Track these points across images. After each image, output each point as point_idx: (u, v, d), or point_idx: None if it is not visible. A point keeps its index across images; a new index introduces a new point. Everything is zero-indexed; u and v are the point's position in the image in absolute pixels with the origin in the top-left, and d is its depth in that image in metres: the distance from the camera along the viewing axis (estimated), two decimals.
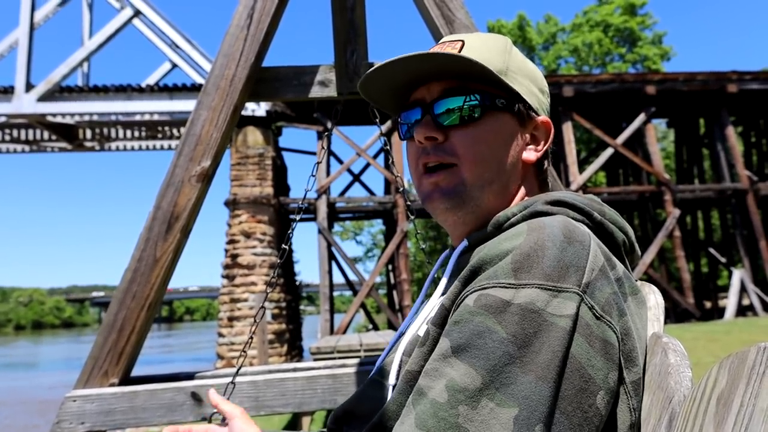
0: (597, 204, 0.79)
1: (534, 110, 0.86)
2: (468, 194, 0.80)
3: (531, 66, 0.88)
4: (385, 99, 0.90)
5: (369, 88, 0.87)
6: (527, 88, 0.85)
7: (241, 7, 2.65)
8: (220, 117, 2.57)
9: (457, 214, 0.82)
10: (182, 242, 2.54)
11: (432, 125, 0.81)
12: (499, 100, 0.82)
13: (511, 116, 0.83)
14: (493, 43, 0.85)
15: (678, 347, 0.68)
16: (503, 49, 0.85)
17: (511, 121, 0.83)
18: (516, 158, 0.84)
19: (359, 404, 0.85)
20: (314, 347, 7.81)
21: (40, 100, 13.63)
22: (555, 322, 0.61)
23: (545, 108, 0.89)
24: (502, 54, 0.84)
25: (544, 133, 0.87)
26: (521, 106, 0.83)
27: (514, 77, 0.83)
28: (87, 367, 2.44)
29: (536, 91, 0.87)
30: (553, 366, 0.60)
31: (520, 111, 0.83)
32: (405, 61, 0.80)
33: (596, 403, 0.62)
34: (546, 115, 0.88)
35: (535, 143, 0.87)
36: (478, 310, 0.63)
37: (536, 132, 0.87)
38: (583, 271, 0.65)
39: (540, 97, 0.87)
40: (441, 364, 0.63)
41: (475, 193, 0.80)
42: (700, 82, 16.14)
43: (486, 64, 0.79)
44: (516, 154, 0.84)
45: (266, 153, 15.25)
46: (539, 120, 0.86)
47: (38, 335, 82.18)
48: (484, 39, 0.85)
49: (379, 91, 0.88)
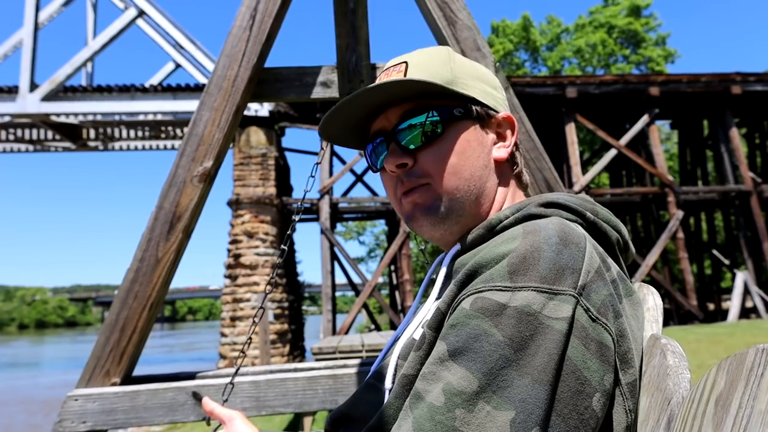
0: (590, 204, 0.80)
1: (492, 109, 0.87)
2: (448, 207, 0.82)
3: (478, 67, 0.90)
4: (347, 137, 0.91)
5: (329, 132, 0.89)
6: (480, 89, 0.86)
7: (243, 8, 2.65)
8: (223, 117, 2.58)
9: (442, 228, 0.83)
10: (184, 242, 2.55)
11: (399, 152, 0.82)
12: (456, 110, 0.83)
13: (471, 122, 0.84)
14: (436, 55, 0.86)
15: (677, 349, 0.68)
16: (446, 59, 0.86)
17: (473, 127, 0.84)
18: (486, 160, 0.85)
19: (355, 407, 0.85)
20: (316, 347, 7.82)
21: (44, 99, 13.67)
22: (551, 324, 0.61)
23: (503, 103, 0.90)
24: (446, 64, 0.85)
25: (508, 127, 0.89)
26: (478, 108, 0.85)
27: (465, 83, 0.84)
28: (89, 367, 2.45)
29: (489, 90, 0.88)
30: (550, 369, 0.60)
31: (479, 114, 0.85)
32: (355, 99, 0.81)
33: (592, 405, 0.62)
34: (505, 110, 0.90)
35: (503, 139, 0.88)
36: (475, 313, 0.64)
37: (500, 129, 0.88)
38: (578, 273, 0.65)
39: (495, 94, 0.89)
40: (438, 367, 0.63)
41: (454, 204, 0.82)
42: (703, 84, 16.10)
43: (433, 78, 0.81)
44: (485, 156, 0.85)
45: (269, 153, 15.26)
46: (500, 117, 0.88)
47: (41, 334, 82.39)
48: (426, 54, 0.86)
49: (339, 132, 0.90)
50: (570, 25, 31.79)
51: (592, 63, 29.85)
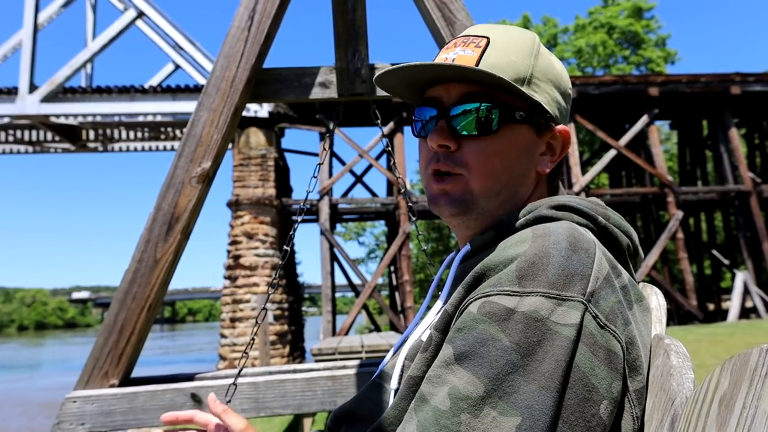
0: (601, 208, 0.78)
1: (554, 119, 0.82)
2: (475, 203, 0.79)
3: (557, 67, 0.84)
4: (403, 91, 0.88)
5: (386, 82, 0.85)
6: (550, 95, 0.81)
7: (242, 8, 2.65)
8: (221, 118, 2.57)
9: (461, 218, 0.81)
10: (182, 243, 2.54)
11: (446, 132, 0.78)
12: (518, 112, 0.78)
13: (528, 128, 0.79)
14: (521, 43, 0.80)
15: (680, 349, 0.68)
16: (530, 51, 0.80)
17: (528, 133, 0.80)
18: (528, 170, 0.81)
19: (360, 406, 0.85)
20: (316, 348, 7.82)
21: (43, 101, 13.67)
22: (559, 331, 0.61)
23: (565, 113, 0.85)
24: (528, 58, 0.79)
25: (560, 142, 0.83)
26: (541, 117, 0.80)
27: (538, 85, 0.80)
28: (87, 368, 2.44)
29: (559, 98, 0.83)
30: (557, 375, 0.59)
31: (539, 122, 0.80)
32: (421, 68, 0.78)
33: (599, 413, 0.61)
34: (565, 123, 0.85)
35: (551, 153, 0.83)
36: (482, 317, 0.63)
37: (553, 141, 0.83)
38: (587, 279, 0.64)
39: (562, 103, 0.83)
40: (444, 371, 0.63)
41: (482, 202, 0.79)
42: (703, 84, 16.11)
43: (508, 70, 0.77)
44: (529, 165, 0.81)
45: (269, 154, 15.27)
46: (557, 129, 0.83)
47: (41, 336, 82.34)
48: (512, 38, 0.80)
49: (396, 85, 0.86)
50: (569, 26, 31.80)
51: (591, 64, 29.87)
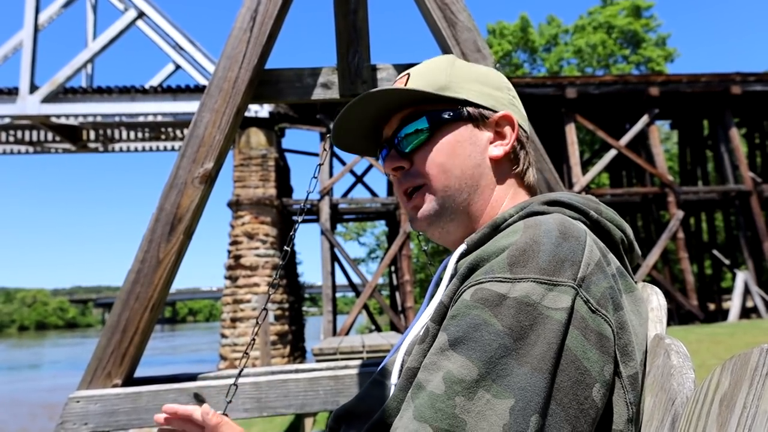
0: (593, 203, 0.80)
1: (490, 108, 0.88)
2: (441, 205, 0.86)
3: (480, 69, 0.92)
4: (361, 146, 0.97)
5: (343, 142, 0.95)
6: (477, 91, 0.88)
7: (244, 9, 2.66)
8: (223, 119, 2.58)
9: (438, 226, 0.87)
10: (185, 243, 2.54)
11: (396, 156, 0.88)
12: (445, 113, 0.86)
13: (463, 122, 0.87)
14: (437, 63, 0.90)
15: (681, 349, 0.68)
16: (444, 66, 0.89)
17: (465, 127, 0.87)
18: (480, 159, 0.87)
19: (360, 404, 0.86)
20: (317, 348, 7.82)
21: (44, 101, 13.68)
22: (550, 315, 0.62)
23: (507, 102, 0.91)
24: (443, 71, 0.88)
25: (507, 125, 0.89)
26: (470, 110, 0.87)
27: (460, 86, 0.87)
28: (90, 368, 2.45)
29: (489, 90, 0.90)
30: (549, 358, 0.61)
31: (471, 115, 0.87)
32: (352, 109, 0.88)
33: (592, 395, 0.62)
34: (508, 109, 0.90)
35: (501, 138, 0.89)
36: (475, 303, 0.65)
37: (499, 128, 0.89)
38: (578, 265, 0.66)
39: (495, 94, 0.90)
40: (438, 357, 0.64)
41: (447, 202, 0.85)
42: (703, 84, 16.09)
43: (427, 86, 0.86)
44: (478, 154, 0.87)
45: (269, 154, 15.27)
46: (497, 116, 0.88)
47: (42, 336, 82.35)
48: (428, 64, 0.91)
49: (352, 141, 0.96)
50: (569, 26, 31.78)
51: (591, 63, 29.85)
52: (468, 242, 0.80)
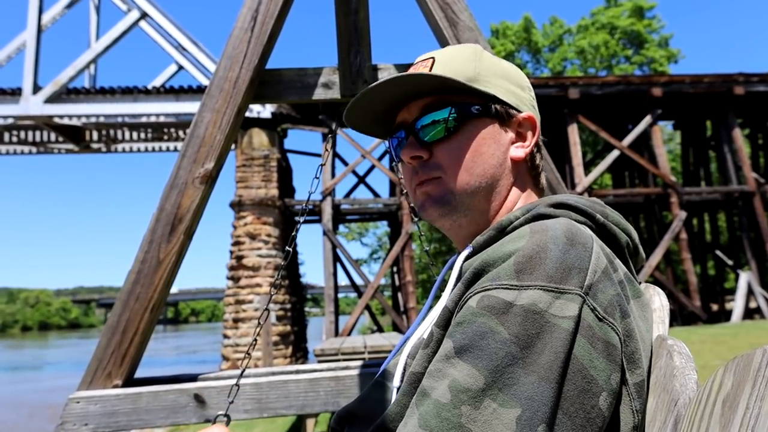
0: (599, 206, 0.79)
1: (515, 108, 0.86)
2: (457, 200, 0.83)
3: (505, 65, 0.90)
4: (372, 126, 0.94)
5: (353, 120, 0.92)
6: (503, 87, 0.86)
7: (245, 9, 2.65)
8: (224, 119, 2.58)
9: (451, 218, 0.85)
10: (185, 244, 2.54)
11: (416, 144, 0.85)
12: (474, 107, 0.83)
13: (490, 119, 0.85)
14: (463, 52, 0.87)
15: (683, 349, 0.67)
16: (472, 56, 0.86)
17: (491, 124, 0.85)
18: (502, 159, 0.85)
19: (362, 406, 0.86)
20: (318, 349, 7.82)
21: (47, 101, 13.72)
22: (557, 323, 0.61)
23: (528, 103, 0.89)
24: (471, 62, 0.85)
25: (529, 128, 0.88)
26: (498, 107, 0.85)
27: (488, 81, 0.85)
28: (90, 369, 2.44)
29: (514, 89, 0.87)
30: (556, 367, 0.60)
31: (498, 112, 0.85)
32: (378, 89, 0.84)
33: (599, 404, 0.62)
34: (530, 110, 0.89)
35: (522, 139, 0.88)
36: (481, 311, 0.64)
37: (521, 129, 0.87)
38: (585, 272, 0.65)
39: (519, 93, 0.88)
40: (444, 364, 0.63)
41: (465, 199, 0.83)
42: (706, 84, 16.07)
43: (455, 75, 0.82)
44: (501, 154, 0.85)
45: (271, 155, 15.28)
46: (521, 116, 0.87)
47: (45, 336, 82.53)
48: (453, 51, 0.87)
49: (363, 121, 0.92)
50: (572, 27, 31.77)
51: (594, 64, 29.83)
52: (474, 244, 0.79)
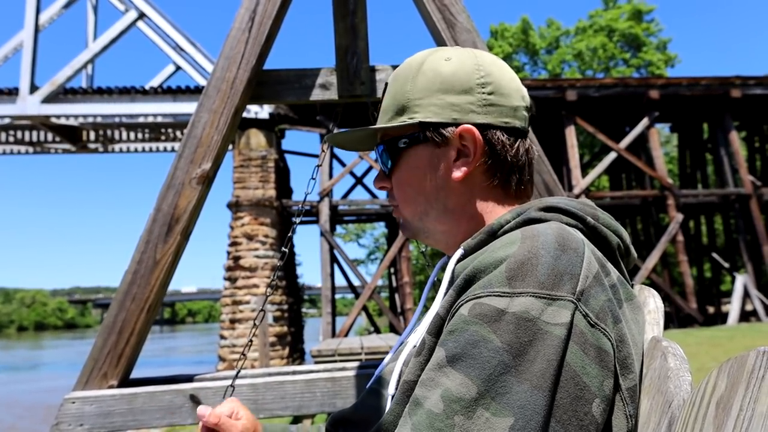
0: (590, 208, 0.79)
1: (451, 124, 0.80)
2: (413, 227, 0.88)
3: (448, 70, 0.81)
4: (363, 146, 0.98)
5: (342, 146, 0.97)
6: (438, 103, 0.81)
7: (242, 9, 2.65)
8: (221, 120, 2.57)
9: (420, 238, 0.89)
10: (182, 244, 2.54)
11: (381, 175, 0.90)
12: (401, 140, 0.84)
13: (423, 146, 0.83)
14: (404, 73, 0.85)
15: (677, 351, 0.67)
16: (407, 78, 0.83)
17: (423, 151, 0.83)
18: (442, 182, 0.82)
19: (356, 412, 0.86)
20: (315, 350, 7.81)
21: (44, 101, 13.69)
22: (550, 330, 0.61)
23: (475, 105, 0.81)
24: (405, 85, 0.83)
25: (470, 140, 0.80)
26: (428, 132, 0.81)
27: (419, 103, 0.81)
28: (86, 369, 2.44)
29: (453, 99, 0.81)
30: (549, 375, 0.59)
31: (428, 137, 0.81)
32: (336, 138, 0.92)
33: (592, 411, 0.61)
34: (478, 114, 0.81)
35: (465, 155, 0.81)
36: (473, 319, 0.63)
37: (464, 142, 0.80)
38: (577, 279, 0.64)
39: (460, 100, 0.81)
40: (436, 374, 0.63)
41: (417, 224, 0.87)
42: (703, 87, 16.12)
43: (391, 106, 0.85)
44: (439, 178, 0.82)
45: (269, 155, 15.27)
46: (458, 131, 0.80)
47: (40, 336, 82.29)
48: (397, 74, 0.87)
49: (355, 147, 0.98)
50: (570, 29, 31.84)
51: (592, 66, 29.90)
52: (465, 246, 0.79)
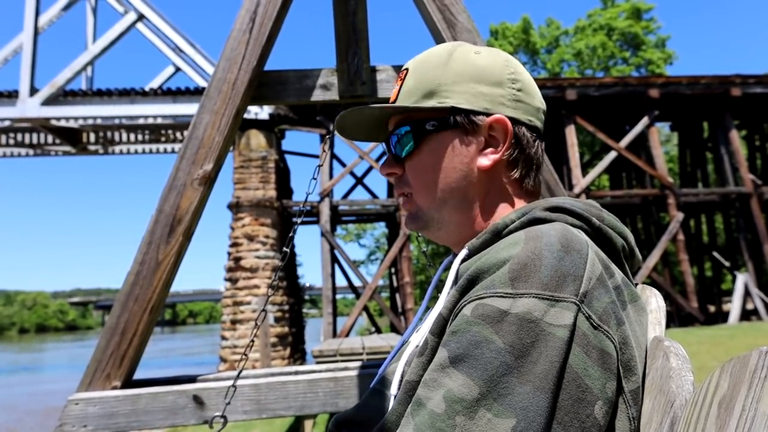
0: (595, 209, 0.78)
1: (482, 113, 0.82)
2: (426, 216, 0.85)
3: (481, 62, 0.83)
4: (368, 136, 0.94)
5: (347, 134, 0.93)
6: (470, 92, 0.82)
7: (243, 10, 2.66)
8: (223, 120, 2.58)
9: (428, 231, 0.86)
10: (184, 245, 2.54)
11: (390, 161, 0.87)
12: (429, 123, 0.82)
13: (450, 132, 0.82)
14: (432, 59, 0.84)
15: (679, 351, 0.67)
16: (438, 63, 0.83)
17: (451, 137, 0.82)
18: (467, 170, 0.82)
19: (360, 412, 0.86)
20: (317, 350, 7.81)
21: (44, 104, 13.68)
22: (552, 332, 0.61)
23: (506, 98, 0.83)
24: (436, 69, 0.83)
25: (500, 131, 0.82)
26: (459, 118, 0.81)
27: (451, 89, 0.82)
28: (89, 370, 2.44)
29: (485, 89, 0.82)
30: (551, 376, 0.59)
31: (459, 123, 0.81)
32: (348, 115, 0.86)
33: (594, 414, 0.61)
34: (507, 109, 0.82)
35: (493, 145, 0.82)
36: (476, 320, 0.63)
37: (493, 132, 0.82)
38: (580, 280, 0.64)
39: (493, 92, 0.82)
40: (439, 374, 0.63)
41: (433, 214, 0.84)
42: (703, 86, 16.11)
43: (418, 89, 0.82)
44: (464, 166, 0.82)
45: (269, 156, 15.27)
46: (489, 121, 0.81)
47: (42, 339, 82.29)
48: (425, 58, 0.85)
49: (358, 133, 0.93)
50: (569, 28, 31.83)
51: (591, 65, 29.88)
52: (469, 247, 0.79)
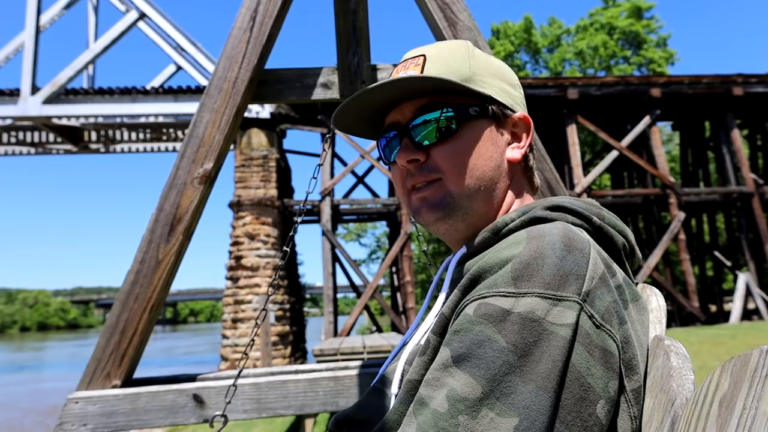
0: (596, 208, 0.79)
1: (509, 108, 0.86)
2: (456, 203, 0.81)
3: (497, 63, 0.88)
4: (361, 127, 0.92)
5: (342, 123, 0.89)
6: (498, 87, 0.85)
7: (243, 9, 2.65)
8: (223, 119, 2.58)
9: (447, 222, 0.83)
10: (184, 244, 2.54)
11: (412, 147, 0.82)
12: (472, 108, 0.82)
13: (487, 121, 0.83)
14: (456, 49, 0.85)
15: (680, 350, 0.67)
16: (465, 54, 0.85)
17: (488, 126, 0.83)
18: (499, 160, 0.84)
19: (360, 411, 0.85)
20: (317, 349, 7.82)
21: (45, 102, 13.70)
22: (555, 331, 0.61)
23: (520, 102, 0.89)
24: (465, 60, 0.84)
25: (523, 128, 0.87)
26: (494, 108, 0.84)
27: (483, 80, 0.84)
28: (89, 369, 2.44)
29: (507, 88, 0.87)
30: (554, 375, 0.59)
31: (495, 113, 0.84)
32: (371, 93, 0.82)
33: (596, 413, 0.61)
34: (522, 110, 0.88)
35: (517, 140, 0.87)
36: (478, 319, 0.63)
37: (516, 129, 0.87)
38: (582, 279, 0.64)
39: (512, 92, 0.87)
40: (441, 373, 0.63)
41: (464, 202, 0.82)
42: (705, 85, 16.09)
43: (450, 74, 0.80)
44: (498, 156, 0.84)
45: (270, 155, 15.28)
46: (516, 117, 0.87)
47: (43, 337, 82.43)
48: (446, 48, 0.85)
49: (352, 122, 0.90)
50: (571, 27, 31.80)
51: (593, 65, 29.86)
52: (469, 246, 0.79)
